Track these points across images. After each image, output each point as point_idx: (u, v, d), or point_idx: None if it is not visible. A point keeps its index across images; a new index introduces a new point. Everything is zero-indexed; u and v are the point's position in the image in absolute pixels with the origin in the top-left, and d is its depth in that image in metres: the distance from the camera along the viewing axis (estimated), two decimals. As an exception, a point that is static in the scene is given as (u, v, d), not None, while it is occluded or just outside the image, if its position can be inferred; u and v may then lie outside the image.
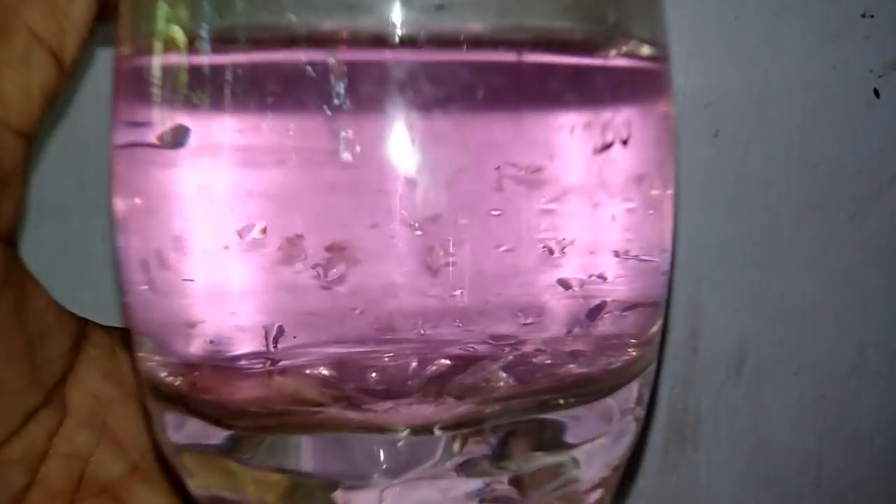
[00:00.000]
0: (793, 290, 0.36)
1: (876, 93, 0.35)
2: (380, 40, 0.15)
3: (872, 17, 0.34)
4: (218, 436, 0.18)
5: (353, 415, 0.17)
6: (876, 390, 0.37)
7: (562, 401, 0.18)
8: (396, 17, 0.15)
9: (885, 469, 0.38)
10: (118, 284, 0.19)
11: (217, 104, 0.16)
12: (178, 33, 0.17)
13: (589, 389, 0.18)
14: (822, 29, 0.34)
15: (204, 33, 0.16)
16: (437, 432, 0.17)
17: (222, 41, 0.16)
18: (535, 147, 0.17)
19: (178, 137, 0.17)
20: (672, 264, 0.20)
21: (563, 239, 0.17)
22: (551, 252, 0.17)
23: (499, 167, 0.16)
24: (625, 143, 0.18)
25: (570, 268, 0.17)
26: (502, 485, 0.18)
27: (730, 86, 0.34)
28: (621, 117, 0.18)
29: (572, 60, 0.17)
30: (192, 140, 0.17)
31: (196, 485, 0.19)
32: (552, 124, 0.17)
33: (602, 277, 0.18)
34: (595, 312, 0.18)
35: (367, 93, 0.16)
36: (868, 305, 0.36)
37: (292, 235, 0.16)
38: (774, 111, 0.34)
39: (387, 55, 0.16)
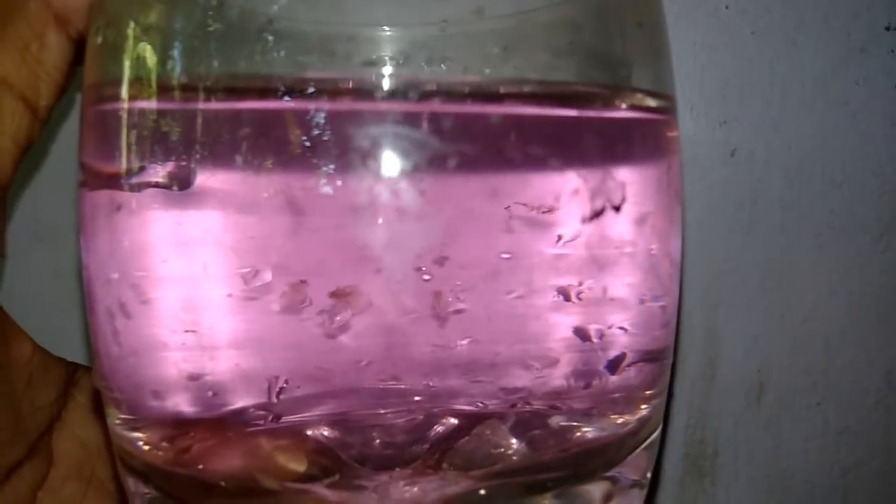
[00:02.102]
0: (815, 315, 0.35)
1: (901, 110, 0.34)
2: (382, 93, 0.15)
3: (897, 30, 0.33)
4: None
5: (334, 497, 0.16)
6: (902, 420, 0.36)
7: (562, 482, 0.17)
8: (397, 71, 0.15)
9: (912, 502, 0.37)
10: (91, 341, 0.18)
11: (218, 151, 0.16)
12: (175, 80, 0.16)
13: (597, 462, 0.17)
14: (844, 43, 0.33)
15: (206, 82, 0.16)
16: None
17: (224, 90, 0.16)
18: (544, 189, 0.16)
19: (184, 179, 0.16)
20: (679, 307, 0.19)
21: (580, 284, 0.16)
22: (567, 298, 0.16)
23: (508, 207, 0.16)
24: (620, 206, 0.17)
25: (587, 316, 0.17)
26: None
27: (747, 102, 0.33)
28: (626, 173, 0.17)
29: (574, 114, 0.17)
30: (196, 183, 0.16)
31: None
32: (560, 175, 0.17)
33: (622, 328, 0.17)
34: (615, 364, 0.17)
35: (370, 141, 0.15)
36: (895, 332, 0.35)
37: (296, 282, 0.16)
38: (794, 129, 0.33)
39: (384, 106, 0.15)
